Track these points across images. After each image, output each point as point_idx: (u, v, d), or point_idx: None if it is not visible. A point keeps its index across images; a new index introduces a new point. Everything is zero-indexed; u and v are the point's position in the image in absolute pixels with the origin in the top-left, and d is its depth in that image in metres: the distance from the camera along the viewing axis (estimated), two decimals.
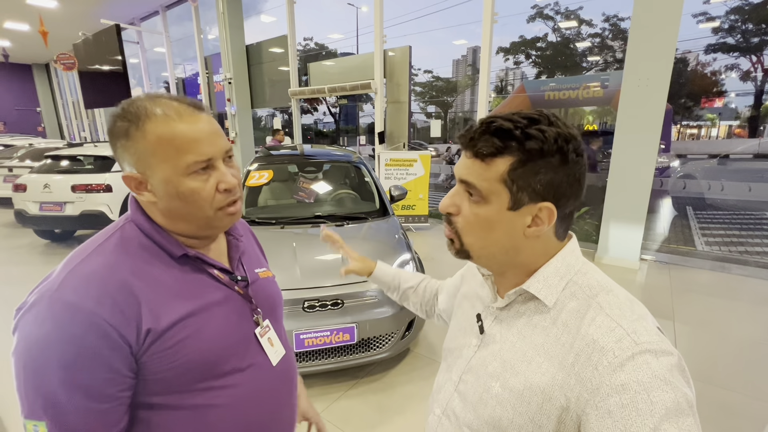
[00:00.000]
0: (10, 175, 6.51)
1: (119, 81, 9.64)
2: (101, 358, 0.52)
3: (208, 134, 0.59)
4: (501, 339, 0.58)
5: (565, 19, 22.64)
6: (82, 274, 0.54)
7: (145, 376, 0.56)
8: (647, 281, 3.77)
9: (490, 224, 0.53)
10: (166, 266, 0.61)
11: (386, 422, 1.98)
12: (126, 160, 0.59)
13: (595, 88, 8.56)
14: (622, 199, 3.99)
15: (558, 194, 0.51)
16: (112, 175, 4.84)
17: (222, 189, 0.61)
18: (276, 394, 0.72)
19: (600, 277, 0.55)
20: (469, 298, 0.70)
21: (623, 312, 0.50)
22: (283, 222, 2.63)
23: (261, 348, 0.70)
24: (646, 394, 0.42)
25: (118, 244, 0.59)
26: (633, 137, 3.81)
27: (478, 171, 0.52)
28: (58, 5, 9.62)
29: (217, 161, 0.61)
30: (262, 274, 0.78)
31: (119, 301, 0.53)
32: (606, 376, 0.45)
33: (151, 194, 0.60)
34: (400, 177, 5.63)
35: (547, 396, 0.49)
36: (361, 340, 2.11)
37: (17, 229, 5.72)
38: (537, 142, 0.49)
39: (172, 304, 0.58)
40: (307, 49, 22.43)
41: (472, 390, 0.58)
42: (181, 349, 0.58)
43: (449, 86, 34.50)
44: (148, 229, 0.62)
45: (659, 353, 0.45)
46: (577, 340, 0.49)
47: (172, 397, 0.59)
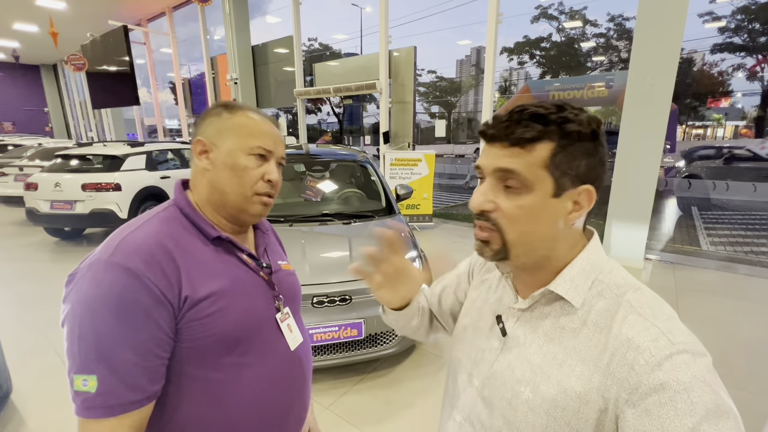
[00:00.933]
0: (21, 174, 6.61)
1: (126, 81, 9.76)
2: (150, 315, 0.57)
3: (277, 137, 0.74)
4: (526, 342, 0.56)
5: (569, 19, 22.58)
6: (131, 242, 0.60)
7: (180, 344, 0.62)
8: (652, 281, 3.78)
9: (536, 214, 0.51)
10: (203, 245, 0.68)
11: (393, 416, 2.01)
12: (204, 131, 0.71)
13: (600, 88, 8.55)
14: (627, 198, 4.00)
15: (594, 176, 0.51)
16: (122, 174, 4.91)
17: (266, 179, 0.71)
18: (292, 376, 0.76)
19: (625, 275, 0.54)
20: (482, 298, 0.67)
21: (654, 311, 0.49)
22: (291, 220, 2.67)
23: (281, 332, 0.75)
24: (686, 394, 0.41)
25: (162, 221, 0.66)
26: (638, 137, 3.82)
27: (519, 158, 0.50)
28: (67, 7, 9.75)
29: (272, 158, 0.73)
30: (284, 266, 0.84)
31: (164, 266, 0.59)
32: (644, 375, 0.44)
33: (209, 162, 0.70)
34: (405, 176, 5.66)
35: (584, 400, 0.48)
36: (369, 336, 2.15)
37: (28, 227, 5.81)
38: (575, 125, 0.49)
39: (205, 278, 0.64)
40: (312, 49, 22.51)
41: (499, 396, 0.56)
42: (210, 321, 0.63)
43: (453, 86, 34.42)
44: (189, 211, 0.69)
45: (696, 354, 0.45)
46: (611, 339, 0.48)
47: (201, 369, 0.64)
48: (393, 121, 6.71)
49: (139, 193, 4.99)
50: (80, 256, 0.66)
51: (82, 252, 4.69)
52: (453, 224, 6.12)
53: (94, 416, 0.55)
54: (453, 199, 9.44)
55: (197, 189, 0.72)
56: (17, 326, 2.45)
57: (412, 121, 6.67)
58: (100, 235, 5.51)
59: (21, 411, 2.06)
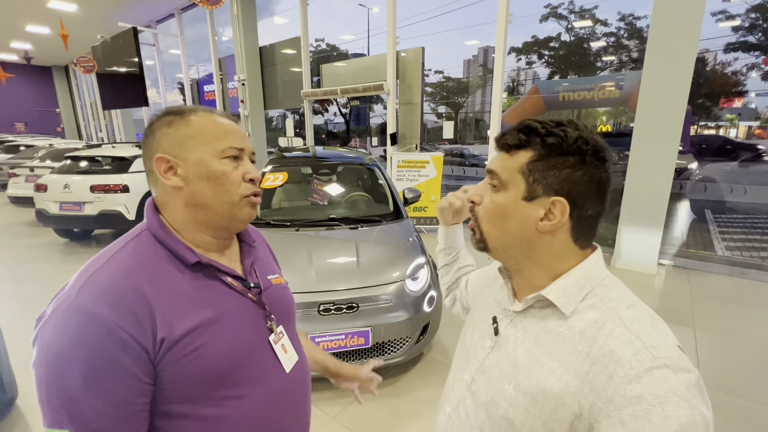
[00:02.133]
0: (32, 175, 6.68)
1: (136, 82, 9.84)
2: (120, 364, 0.52)
3: (241, 134, 0.69)
4: (515, 342, 0.58)
5: (579, 19, 22.31)
6: (97, 283, 0.55)
7: (162, 385, 0.57)
8: (665, 287, 3.69)
9: (506, 212, 0.57)
10: (180, 274, 0.62)
11: (400, 427, 1.97)
12: (161, 146, 0.64)
13: (611, 89, 8.42)
14: (640, 202, 3.91)
15: (573, 192, 0.53)
16: (130, 175, 4.93)
17: (248, 179, 0.67)
18: (290, 400, 0.72)
19: (622, 291, 0.56)
20: (487, 301, 0.71)
21: (643, 326, 0.50)
22: (297, 224, 2.64)
23: (275, 355, 0.71)
24: (660, 408, 0.42)
25: (132, 252, 0.60)
26: (652, 139, 3.74)
27: (502, 161, 0.58)
28: (78, 9, 9.86)
29: (245, 156, 0.69)
30: (275, 281, 0.79)
31: (135, 309, 0.54)
32: (621, 386, 0.45)
33: (179, 179, 0.63)
34: (412, 178, 5.61)
35: (561, 402, 0.50)
36: (376, 344, 2.11)
37: (38, 228, 5.87)
38: (557, 138, 0.53)
39: (185, 313, 0.59)
40: (319, 50, 22.55)
41: (485, 391, 0.59)
42: (196, 357, 0.58)
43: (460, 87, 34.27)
44: (162, 236, 0.63)
45: (678, 369, 0.45)
46: (594, 349, 0.50)
47: (188, 406, 0.60)
48: (400, 123, 6.66)
49: (146, 194, 5.00)
50: (88, 258, 0.62)
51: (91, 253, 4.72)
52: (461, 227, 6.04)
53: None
54: None
55: (170, 210, 0.65)
56: (25, 329, 2.45)
57: (420, 123, 6.62)
58: (109, 237, 5.54)
59: (26, 416, 2.05)
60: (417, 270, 2.31)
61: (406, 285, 2.21)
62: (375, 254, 2.38)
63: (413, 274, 2.28)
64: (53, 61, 18.48)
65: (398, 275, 2.22)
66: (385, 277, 2.19)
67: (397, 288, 2.17)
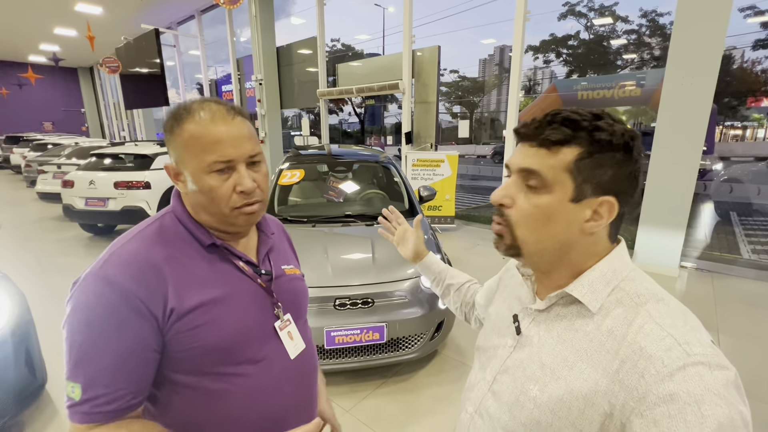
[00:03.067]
0: (59, 172, 6.93)
1: (157, 83, 10.09)
2: (130, 327, 0.58)
3: (235, 138, 0.63)
4: (539, 342, 0.57)
5: (599, 16, 21.84)
6: (120, 256, 0.61)
7: (169, 354, 0.62)
8: (688, 289, 3.59)
9: (549, 216, 0.52)
10: (196, 254, 0.66)
11: (414, 423, 1.98)
12: (170, 153, 0.67)
13: (631, 87, 8.21)
14: (662, 202, 3.82)
15: (619, 190, 0.51)
16: (151, 172, 5.07)
17: (238, 191, 0.64)
18: (292, 387, 0.74)
19: (650, 284, 0.53)
20: (506, 299, 0.69)
21: (675, 321, 0.48)
22: (314, 220, 2.68)
23: (280, 341, 0.73)
24: (696, 407, 0.40)
25: (156, 232, 0.66)
26: (674, 138, 3.64)
27: (542, 159, 0.52)
28: (103, 12, 10.18)
29: (239, 164, 0.64)
30: (289, 271, 0.81)
31: (150, 280, 0.60)
32: (653, 384, 0.43)
33: (183, 185, 0.67)
34: (427, 177, 5.60)
35: (590, 402, 0.48)
36: (390, 340, 2.12)
37: (65, 222, 6.10)
38: (606, 134, 0.49)
39: (195, 290, 0.63)
40: (335, 50, 22.66)
41: (508, 391, 0.58)
42: (199, 332, 0.62)
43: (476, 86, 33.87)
44: (185, 219, 0.68)
45: (714, 366, 0.43)
46: (623, 347, 0.48)
47: (191, 377, 0.64)
48: (415, 122, 6.66)
49: (167, 191, 5.14)
50: None
51: None
52: (476, 226, 6.01)
53: (77, 422, 0.57)
54: (475, 200, 9.30)
55: (187, 205, 0.70)
56: (53, 318, 2.56)
57: (435, 122, 6.60)
58: None
59: (55, 401, 2.14)
60: None
61: (421, 282, 2.21)
62: (390, 250, 2.39)
63: None
64: (79, 63, 19.11)
65: (413, 272, 2.23)
66: (399, 273, 2.20)
67: (412, 284, 2.17)
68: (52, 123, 20.53)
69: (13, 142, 13.16)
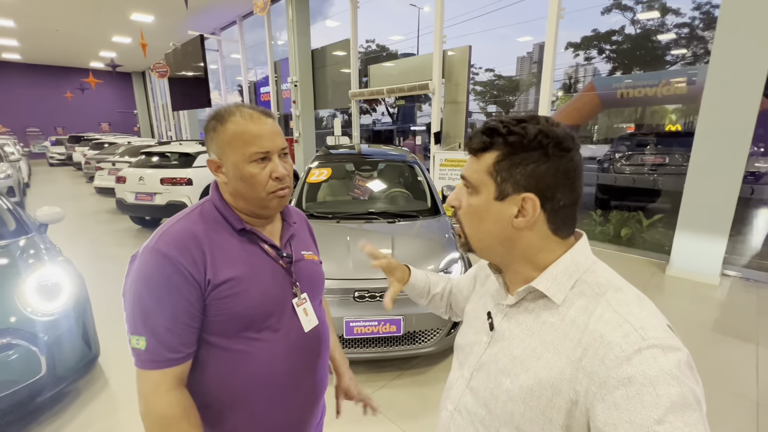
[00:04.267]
0: (113, 168, 7.55)
1: (201, 85, 10.72)
2: (180, 291, 0.70)
3: (270, 133, 0.78)
4: (510, 335, 0.60)
5: (646, 9, 20.59)
6: (171, 233, 0.74)
7: (207, 318, 0.75)
8: (728, 299, 3.39)
9: (481, 214, 0.59)
10: (230, 236, 0.79)
11: (429, 415, 2.04)
12: (211, 149, 0.79)
13: (679, 85, 7.71)
14: (702, 206, 3.62)
15: (541, 185, 0.54)
16: (194, 170, 5.43)
17: (274, 177, 0.78)
18: (305, 356, 0.86)
19: (609, 275, 0.57)
20: (481, 297, 0.73)
21: (632, 309, 0.51)
22: (339, 216, 2.80)
23: (296, 315, 0.84)
24: (651, 387, 0.43)
25: (198, 215, 0.79)
26: (718, 138, 3.44)
27: (471, 165, 0.60)
28: (154, 19, 10.94)
29: (273, 155, 0.78)
30: (308, 256, 0.92)
31: (194, 253, 0.72)
32: (613, 369, 0.46)
33: (224, 176, 0.79)
34: (455, 177, 5.60)
35: (556, 390, 0.51)
36: (407, 333, 2.19)
37: (117, 215, 6.65)
38: (517, 137, 0.54)
39: (228, 265, 0.75)
40: (369, 51, 22.84)
41: (483, 386, 0.60)
42: (229, 302, 0.74)
43: (512, 85, 33.00)
44: (221, 206, 0.80)
45: (667, 348, 0.46)
46: (585, 335, 0.51)
47: (222, 339, 0.76)
48: (445, 122, 6.66)
49: (207, 187, 5.48)
50: None
51: None
52: None
53: (146, 368, 0.71)
54: None
55: (225, 195, 0.82)
56: (104, 299, 2.85)
57: (465, 122, 6.57)
58: None
59: (106, 372, 2.39)
60: (450, 264, 2.36)
61: None
62: (410, 247, 2.47)
63: (447, 267, 2.34)
64: (133, 68, 20.59)
65: (432, 268, 2.29)
66: (418, 268, 2.26)
67: None
68: (109, 124, 22.26)
69: (75, 141, 14.42)
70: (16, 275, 1.94)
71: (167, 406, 0.70)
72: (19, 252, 2.16)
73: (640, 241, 5.09)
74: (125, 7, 9.89)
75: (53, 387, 1.87)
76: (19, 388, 1.71)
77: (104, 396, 2.20)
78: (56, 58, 17.83)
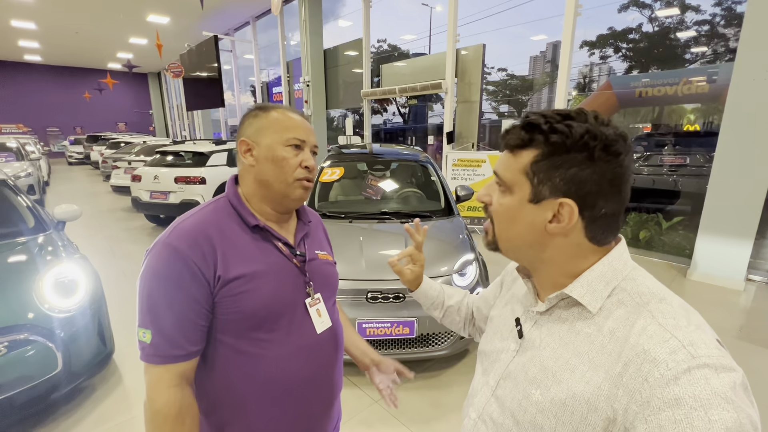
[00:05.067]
0: (129, 167, 7.68)
1: (215, 86, 10.85)
2: (188, 287, 0.69)
3: (307, 128, 0.82)
4: (541, 344, 0.56)
5: (665, 6, 20.12)
6: (183, 228, 0.73)
7: (216, 315, 0.73)
8: (755, 305, 3.26)
9: (513, 215, 0.55)
10: (243, 233, 0.77)
11: (441, 418, 2.00)
12: (245, 132, 0.80)
13: (699, 83, 7.50)
14: (726, 209, 3.49)
15: (582, 192, 0.49)
16: (207, 169, 5.48)
17: (303, 165, 0.79)
18: (318, 358, 0.82)
19: (651, 283, 0.52)
20: (509, 302, 0.69)
21: (678, 322, 0.46)
22: (351, 216, 2.78)
23: (308, 316, 0.82)
24: (703, 411, 0.39)
25: (212, 211, 0.78)
26: (744, 137, 3.32)
27: (506, 162, 0.55)
28: (170, 21, 11.11)
29: (307, 147, 0.81)
30: (322, 256, 0.90)
31: (204, 250, 0.71)
32: (658, 389, 0.42)
33: (253, 158, 0.79)
34: (467, 177, 5.54)
35: (592, 406, 0.47)
36: (420, 335, 2.16)
37: (132, 213, 6.76)
38: (561, 136, 0.49)
39: (240, 262, 0.74)
40: (381, 50, 22.83)
41: (511, 396, 0.57)
42: (240, 299, 0.72)
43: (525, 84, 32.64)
44: (236, 202, 0.79)
45: (720, 368, 0.42)
46: (626, 349, 0.47)
47: (232, 338, 0.74)
48: (458, 121, 6.60)
49: (220, 186, 5.53)
50: None
51: None
52: None
53: (149, 362, 0.70)
54: None
55: (245, 184, 0.81)
56: (119, 296, 2.89)
57: (478, 121, 6.50)
58: None
59: (120, 369, 2.41)
60: (465, 266, 2.32)
61: (453, 280, 2.23)
62: (423, 248, 2.42)
63: (461, 269, 2.29)
64: (149, 69, 20.97)
65: (446, 270, 2.25)
66: (432, 270, 2.23)
67: (444, 282, 2.19)
68: (125, 123, 22.72)
69: (93, 141, 14.75)
70: (34, 271, 1.96)
71: (164, 403, 0.69)
72: (38, 249, 2.19)
73: (660, 244, 4.95)
74: (142, 8, 10.07)
75: (69, 383, 1.88)
76: (35, 384, 1.72)
77: (118, 393, 2.21)
78: (75, 59, 18.29)
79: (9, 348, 1.68)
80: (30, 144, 9.38)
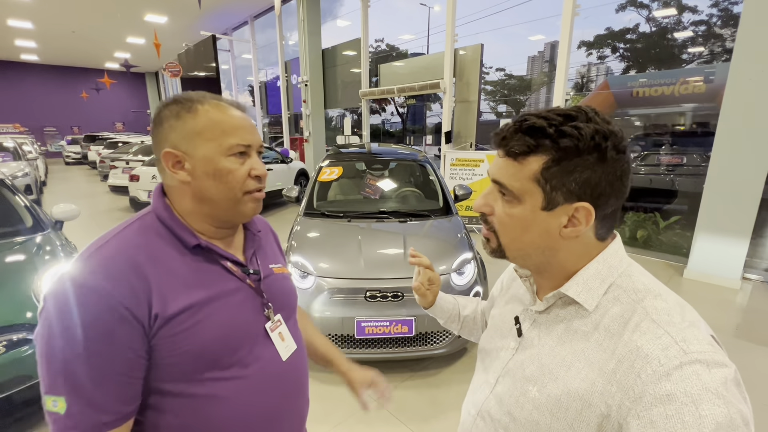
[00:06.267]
0: (127, 167, 7.66)
1: (213, 85, 10.84)
2: (114, 336, 0.54)
3: (251, 126, 0.67)
4: (539, 343, 0.56)
5: (662, 7, 20.19)
6: (100, 257, 0.57)
7: (156, 361, 0.58)
8: (750, 303, 3.28)
9: (525, 225, 0.52)
10: (180, 255, 0.63)
11: (439, 417, 2.01)
12: (168, 140, 0.63)
13: (697, 83, 7.54)
14: (723, 208, 3.51)
15: (596, 193, 0.48)
16: None
17: (253, 175, 0.66)
18: (285, 388, 0.72)
19: (647, 280, 0.52)
20: (509, 302, 0.69)
21: (672, 318, 0.47)
22: (350, 215, 2.78)
23: (271, 342, 0.70)
24: (694, 407, 0.39)
25: (136, 232, 0.63)
26: (740, 137, 3.34)
27: (510, 171, 0.51)
28: (168, 20, 11.10)
29: (253, 151, 0.67)
30: (277, 270, 0.78)
31: (133, 283, 0.56)
32: (650, 384, 0.43)
33: (186, 173, 0.63)
34: (466, 177, 5.55)
35: (587, 402, 0.48)
36: (419, 334, 2.16)
37: (131, 213, 6.72)
38: (572, 139, 0.47)
39: (180, 292, 0.60)
40: (379, 50, 22.85)
41: (509, 393, 0.58)
42: (187, 336, 0.59)
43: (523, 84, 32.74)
44: (167, 218, 0.64)
45: (712, 364, 0.42)
46: (620, 346, 0.47)
47: (181, 384, 0.60)
48: (456, 121, 6.61)
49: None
50: None
51: None
52: None
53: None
54: None
55: (178, 199, 0.66)
56: None
57: (476, 121, 6.51)
58: None
59: None
60: (463, 265, 2.33)
61: (452, 279, 2.23)
62: (422, 247, 2.43)
63: (459, 268, 2.30)
64: (146, 69, 20.94)
65: (444, 268, 2.26)
66: None
67: (443, 281, 2.20)
68: (123, 123, 22.66)
69: (91, 141, 14.68)
70: (32, 271, 1.96)
71: None
72: (36, 248, 2.19)
73: (657, 243, 4.98)
74: (140, 8, 10.05)
75: None
76: (33, 384, 1.72)
77: None
78: (72, 59, 18.23)
79: (7, 347, 1.68)
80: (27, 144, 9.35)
